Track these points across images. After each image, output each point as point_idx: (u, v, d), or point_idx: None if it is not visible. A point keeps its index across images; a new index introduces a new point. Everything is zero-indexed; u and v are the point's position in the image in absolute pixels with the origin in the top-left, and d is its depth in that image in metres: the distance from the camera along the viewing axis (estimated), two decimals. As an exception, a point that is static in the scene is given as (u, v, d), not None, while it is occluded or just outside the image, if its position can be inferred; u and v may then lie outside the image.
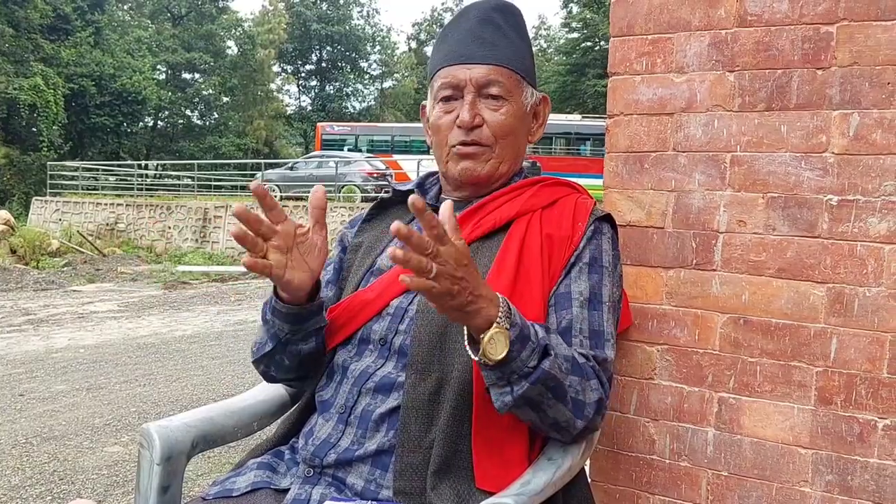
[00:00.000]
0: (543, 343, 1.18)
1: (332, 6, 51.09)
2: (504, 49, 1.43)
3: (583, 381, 1.24)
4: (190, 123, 44.06)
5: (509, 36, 1.45)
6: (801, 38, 1.55)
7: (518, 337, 1.14)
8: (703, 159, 1.64)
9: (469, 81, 1.42)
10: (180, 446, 1.40)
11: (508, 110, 1.43)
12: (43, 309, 9.95)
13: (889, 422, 1.49)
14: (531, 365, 1.16)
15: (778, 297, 1.57)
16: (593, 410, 1.26)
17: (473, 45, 1.43)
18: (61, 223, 19.74)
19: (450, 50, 1.46)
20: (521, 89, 1.45)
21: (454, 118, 1.43)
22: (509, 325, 1.13)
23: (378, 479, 1.27)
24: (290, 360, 1.42)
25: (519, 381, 1.17)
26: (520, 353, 1.15)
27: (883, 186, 1.48)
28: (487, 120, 1.42)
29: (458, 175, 1.46)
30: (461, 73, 1.42)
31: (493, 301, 1.13)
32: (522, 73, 1.46)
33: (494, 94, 1.42)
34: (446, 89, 1.44)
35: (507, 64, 1.43)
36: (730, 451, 1.63)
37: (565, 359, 1.22)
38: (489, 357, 1.13)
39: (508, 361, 1.14)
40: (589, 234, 1.40)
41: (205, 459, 3.93)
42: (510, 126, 1.43)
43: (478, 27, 1.44)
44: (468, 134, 1.42)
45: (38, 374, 6.15)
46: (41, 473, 3.89)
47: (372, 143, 27.92)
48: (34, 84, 29.85)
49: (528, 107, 1.48)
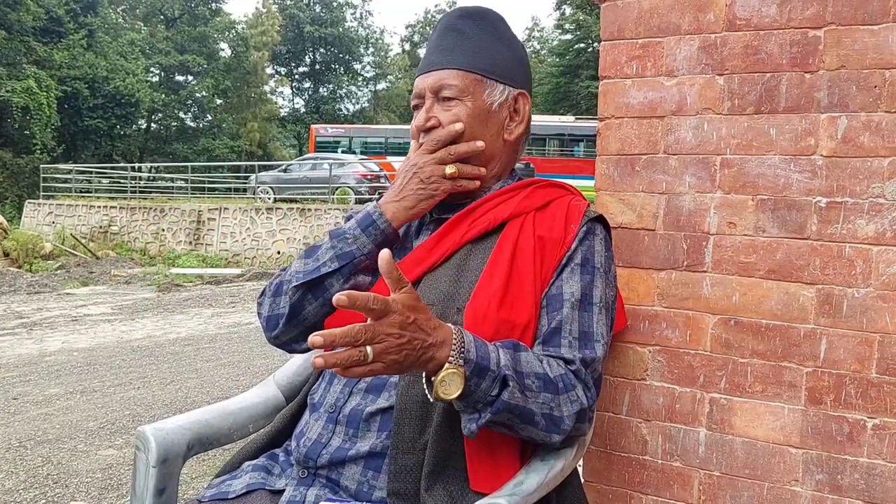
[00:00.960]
0: (503, 373, 1.18)
1: (326, 8, 51.09)
2: (461, 53, 1.48)
3: (556, 396, 1.25)
4: (183, 126, 44.01)
5: (472, 39, 1.49)
6: (789, 42, 1.56)
7: (474, 371, 1.15)
8: (693, 162, 1.66)
9: (426, 89, 1.49)
10: (176, 448, 1.41)
11: (461, 109, 1.46)
12: (36, 312, 9.93)
13: (878, 421, 1.51)
14: (493, 394, 1.18)
15: (768, 298, 1.59)
16: (572, 423, 1.26)
17: (434, 55, 1.50)
18: (54, 226, 19.69)
19: (421, 62, 1.54)
20: (481, 88, 1.48)
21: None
22: (463, 362, 1.14)
23: (370, 480, 1.28)
24: (339, 288, 1.39)
25: (484, 408, 1.19)
26: (479, 386, 1.16)
27: (871, 188, 1.50)
28: (442, 120, 1.47)
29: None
30: (421, 83, 1.50)
31: (446, 341, 1.15)
32: (484, 73, 1.47)
33: (447, 95, 1.47)
34: (414, 99, 1.53)
35: (461, 66, 1.47)
36: (721, 451, 1.64)
37: (536, 376, 1.23)
38: (443, 397, 1.14)
39: (468, 395, 1.16)
40: (581, 235, 1.41)
41: (199, 462, 3.93)
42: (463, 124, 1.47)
43: (440, 38, 1.51)
44: (425, 136, 1.48)
45: (31, 378, 6.13)
46: (35, 477, 3.88)
47: (366, 145, 27.91)
48: (27, 87, 29.77)
49: (495, 104, 1.49)
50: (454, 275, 1.37)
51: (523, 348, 1.27)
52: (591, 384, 1.31)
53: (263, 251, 17.25)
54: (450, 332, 1.16)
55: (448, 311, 1.33)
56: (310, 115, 48.15)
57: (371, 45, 54.17)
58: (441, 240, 1.43)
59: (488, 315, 1.30)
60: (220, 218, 18.05)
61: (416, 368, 1.14)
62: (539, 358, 1.27)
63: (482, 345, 1.19)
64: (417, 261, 1.43)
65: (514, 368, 1.20)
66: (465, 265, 1.39)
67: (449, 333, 1.16)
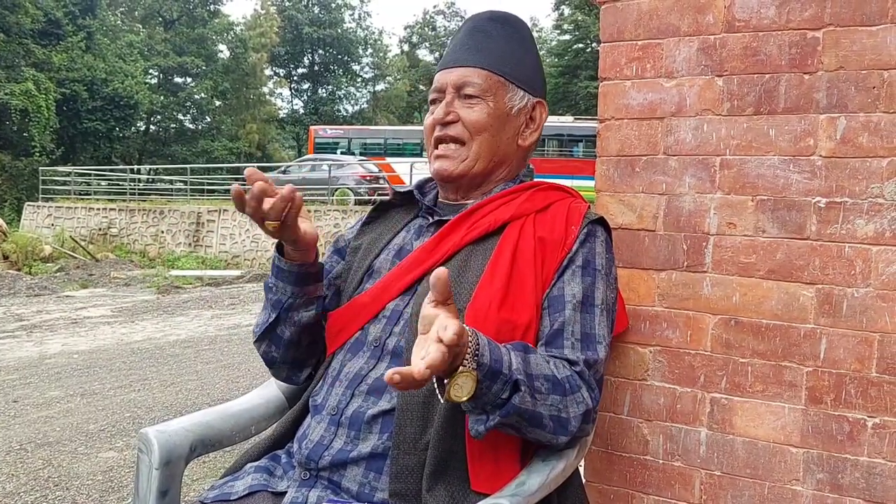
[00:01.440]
0: (515, 377, 1.17)
1: (324, 9, 51.06)
2: (487, 54, 1.49)
3: (565, 398, 1.25)
4: (182, 127, 43.97)
5: (498, 42, 1.51)
6: (788, 44, 1.57)
7: (487, 375, 1.14)
8: (693, 163, 1.66)
9: (448, 84, 1.50)
10: (179, 450, 1.42)
11: (483, 108, 1.47)
12: (36, 315, 9.93)
13: (878, 420, 1.51)
14: (503, 397, 1.17)
15: (768, 298, 1.59)
16: (578, 423, 1.27)
17: (459, 52, 1.51)
18: (54, 228, 19.67)
19: (444, 58, 1.55)
20: (503, 91, 1.49)
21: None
22: (476, 365, 1.13)
23: (372, 481, 1.29)
24: (290, 331, 1.48)
25: (494, 410, 1.18)
26: (490, 388, 1.16)
27: (870, 188, 1.51)
28: (462, 116, 1.48)
29: (435, 174, 1.53)
30: (443, 77, 1.51)
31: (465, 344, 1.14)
32: (508, 77, 1.50)
33: (469, 93, 1.48)
34: (433, 93, 1.54)
35: (486, 66, 1.48)
36: (722, 451, 1.65)
37: (545, 378, 1.23)
38: (454, 398, 1.13)
39: (479, 396, 1.15)
40: (582, 237, 1.42)
41: (201, 464, 3.93)
42: (482, 123, 1.47)
43: (467, 36, 1.53)
44: (442, 129, 1.49)
45: (31, 380, 6.13)
46: (36, 479, 3.88)
47: (365, 146, 27.85)
48: (26, 89, 29.74)
49: (514, 109, 1.51)
50: (455, 276, 1.38)
51: (532, 350, 1.27)
52: (595, 385, 1.32)
53: (263, 253, 17.24)
54: (465, 333, 1.15)
55: (449, 312, 1.34)
56: (308, 117, 48.10)
57: (370, 46, 54.11)
58: (442, 241, 1.44)
59: (489, 316, 1.30)
60: (220, 220, 18.04)
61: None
62: (546, 359, 1.27)
63: (496, 348, 1.17)
64: (418, 262, 1.43)
65: (525, 371, 1.20)
66: (465, 266, 1.40)
67: (465, 334, 1.15)
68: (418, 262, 1.43)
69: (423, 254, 1.44)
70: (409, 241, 1.52)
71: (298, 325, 1.48)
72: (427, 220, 1.54)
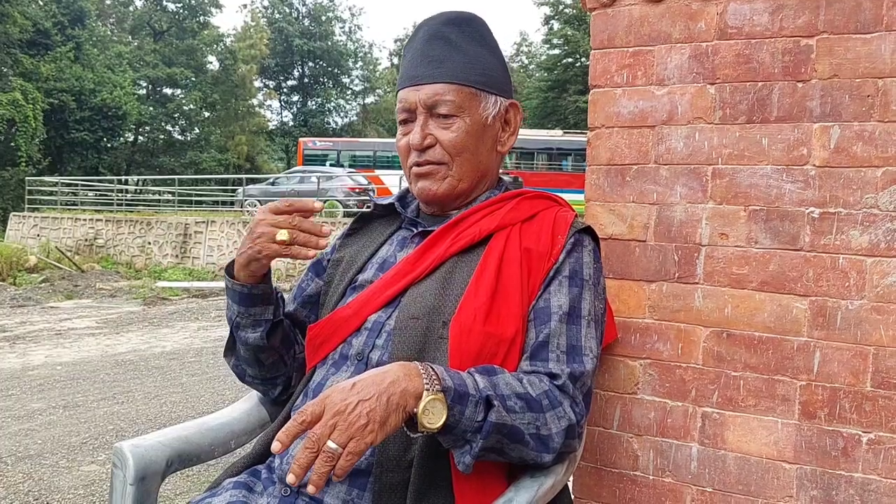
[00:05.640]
0: (486, 393, 1.14)
1: (314, 22, 51.21)
2: (453, 64, 1.42)
3: (542, 414, 1.21)
4: (171, 138, 43.89)
5: (461, 48, 1.44)
6: (781, 51, 1.55)
7: (454, 398, 1.11)
8: (684, 172, 1.64)
9: (418, 103, 1.42)
10: (154, 466, 1.37)
11: (460, 126, 1.42)
12: (19, 326, 9.83)
13: (873, 436, 1.48)
14: (479, 419, 1.13)
15: (761, 310, 1.56)
16: (561, 440, 1.23)
17: (422, 66, 1.43)
18: (39, 239, 19.53)
19: (404, 72, 1.47)
20: (476, 102, 1.43)
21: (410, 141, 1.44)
22: (441, 388, 1.10)
23: (355, 498, 1.25)
24: (244, 349, 1.49)
25: (474, 436, 1.14)
26: (463, 414, 1.12)
27: (864, 199, 1.48)
28: (440, 139, 1.42)
29: (418, 194, 1.48)
30: (411, 96, 1.43)
31: (409, 375, 1.10)
32: (478, 85, 1.43)
33: (444, 112, 1.41)
34: (401, 113, 1.47)
35: (455, 80, 1.41)
36: (714, 467, 1.61)
37: (518, 397, 1.19)
38: (429, 427, 1.09)
39: (454, 426, 1.12)
40: (569, 247, 1.38)
41: (184, 478, 3.87)
42: (462, 143, 1.42)
43: (426, 46, 1.44)
44: (421, 155, 1.43)
45: (13, 392, 6.05)
46: (16, 493, 3.81)
47: (354, 158, 27.89)
48: (13, 99, 29.63)
49: (490, 118, 1.45)
50: (439, 288, 1.34)
51: (500, 371, 1.23)
52: (580, 399, 1.28)
53: (251, 264, 17.13)
54: (410, 365, 1.12)
55: (433, 325, 1.30)
56: (298, 129, 48.14)
57: (360, 58, 54.28)
58: (425, 252, 1.40)
59: (474, 329, 1.27)
60: (207, 231, 17.95)
61: (399, 414, 1.08)
62: (518, 378, 1.23)
63: (455, 374, 1.14)
64: (402, 273, 1.40)
65: (495, 392, 1.16)
66: (450, 278, 1.36)
67: (408, 366, 1.12)
68: (402, 275, 1.39)
69: (407, 265, 1.40)
70: (393, 254, 1.48)
71: (247, 344, 1.48)
72: (410, 231, 1.50)
